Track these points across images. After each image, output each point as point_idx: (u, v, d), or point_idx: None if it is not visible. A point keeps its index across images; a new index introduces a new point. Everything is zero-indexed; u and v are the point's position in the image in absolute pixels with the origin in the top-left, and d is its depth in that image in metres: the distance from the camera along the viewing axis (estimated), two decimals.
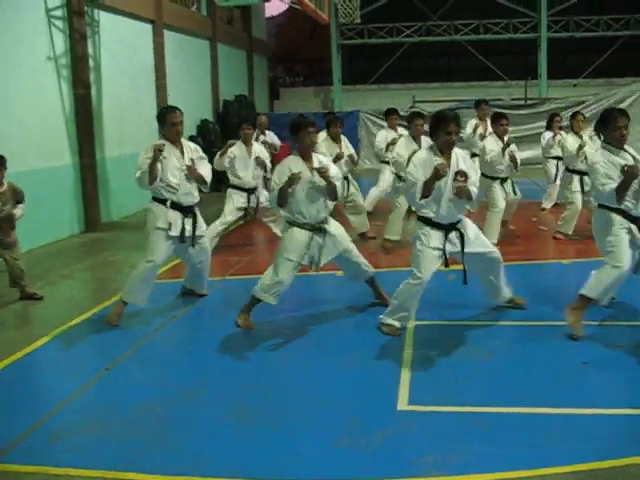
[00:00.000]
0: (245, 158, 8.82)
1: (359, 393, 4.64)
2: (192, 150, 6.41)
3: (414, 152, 5.64)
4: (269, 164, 9.13)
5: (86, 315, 6.52)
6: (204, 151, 6.72)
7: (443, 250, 5.41)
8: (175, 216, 6.15)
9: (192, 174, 6.20)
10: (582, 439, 3.88)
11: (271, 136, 12.02)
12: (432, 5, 22.39)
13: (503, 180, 8.84)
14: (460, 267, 5.64)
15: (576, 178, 9.08)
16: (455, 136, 5.36)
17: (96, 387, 4.88)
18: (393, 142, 9.83)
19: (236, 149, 8.82)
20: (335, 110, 21.53)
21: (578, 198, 9.05)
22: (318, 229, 5.80)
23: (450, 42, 22.52)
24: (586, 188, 8.71)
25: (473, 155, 9.38)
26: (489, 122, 10.95)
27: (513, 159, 8.62)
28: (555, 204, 11.44)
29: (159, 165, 6.00)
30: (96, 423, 4.25)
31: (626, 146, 5.38)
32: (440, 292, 6.21)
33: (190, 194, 6.28)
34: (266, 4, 21.83)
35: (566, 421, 4.14)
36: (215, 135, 16.23)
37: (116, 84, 12.23)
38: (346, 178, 8.84)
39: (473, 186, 5.45)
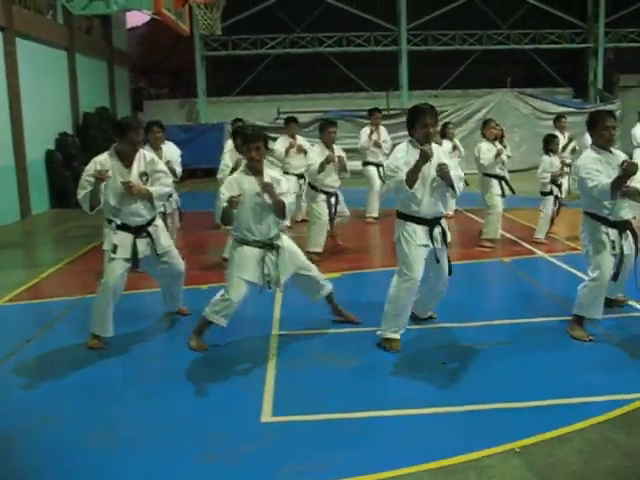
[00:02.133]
0: None
1: (223, 408, 4.53)
2: (146, 162, 5.74)
3: (394, 146, 5.43)
4: (179, 169, 8.67)
5: None
6: (64, 166, 6.30)
7: (430, 247, 5.31)
8: (123, 238, 5.61)
9: (132, 192, 5.52)
10: (440, 437, 4.00)
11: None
12: (296, 17, 22.67)
13: None
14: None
15: (496, 182, 9.31)
16: (432, 128, 5.25)
17: None
18: (292, 147, 10.25)
19: None
20: (200, 122, 21.35)
21: (499, 201, 9.30)
22: (269, 246, 5.51)
23: (314, 54, 22.85)
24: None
25: None
26: (381, 129, 11.80)
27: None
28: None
29: (101, 189, 5.46)
30: None
31: (612, 149, 5.47)
32: (302, 301, 6.20)
33: (137, 214, 5.67)
34: (128, 14, 21.35)
35: (424, 420, 4.23)
36: (75, 149, 15.62)
37: None
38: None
39: (454, 173, 5.28)
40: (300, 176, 10.26)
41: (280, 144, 10.57)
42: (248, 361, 5.36)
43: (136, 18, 23.78)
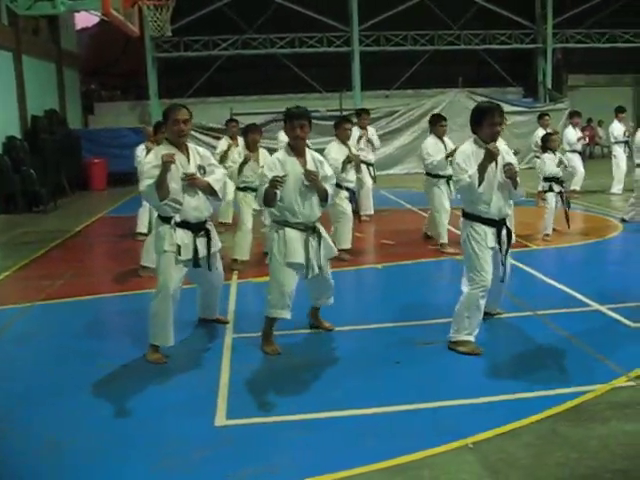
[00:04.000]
0: None
1: (176, 413, 4.48)
2: (201, 156, 5.50)
3: (455, 148, 5.28)
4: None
5: None
6: (12, 170, 6.10)
7: (497, 248, 5.23)
8: (184, 237, 5.27)
9: (195, 184, 5.29)
10: (393, 435, 4.03)
11: None
12: (248, 19, 22.59)
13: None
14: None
15: (442, 181, 9.13)
16: (500, 127, 5.17)
17: None
18: (229, 149, 10.09)
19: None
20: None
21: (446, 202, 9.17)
22: (312, 229, 5.33)
23: (267, 55, 22.81)
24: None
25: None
26: (369, 130, 11.80)
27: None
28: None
29: (167, 177, 5.10)
30: None
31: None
32: (256, 304, 6.18)
33: (198, 209, 5.35)
34: (77, 15, 21.02)
35: (378, 420, 4.26)
36: (24, 153, 15.28)
37: None
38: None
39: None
40: None
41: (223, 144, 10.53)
42: (202, 365, 5.32)
43: (86, 19, 23.45)
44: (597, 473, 3.54)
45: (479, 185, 5.05)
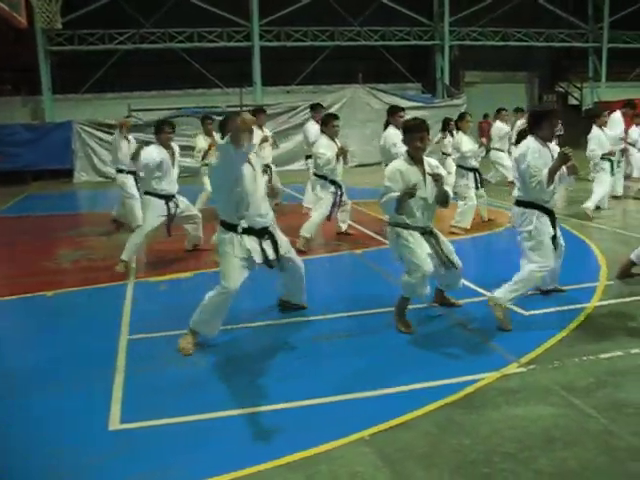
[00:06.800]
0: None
1: (68, 420, 4.29)
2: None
3: (527, 149, 5.51)
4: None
5: None
6: None
7: (553, 236, 5.68)
8: (252, 243, 5.32)
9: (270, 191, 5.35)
10: (289, 432, 4.00)
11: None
12: (145, 12, 22.08)
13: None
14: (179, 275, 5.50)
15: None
16: (556, 128, 5.66)
17: None
18: (210, 148, 10.40)
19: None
20: (46, 121, 20.41)
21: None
22: (430, 233, 5.65)
23: (166, 50, 22.38)
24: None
25: None
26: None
27: None
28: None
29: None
30: None
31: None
32: (153, 303, 6.04)
33: (262, 215, 5.39)
34: None
35: (273, 417, 4.21)
36: None
37: None
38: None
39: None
40: None
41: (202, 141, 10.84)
42: (95, 368, 5.11)
43: None
44: (488, 457, 3.62)
45: (549, 185, 5.45)
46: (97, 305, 6.69)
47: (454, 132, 10.70)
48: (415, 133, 5.47)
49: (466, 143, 9.81)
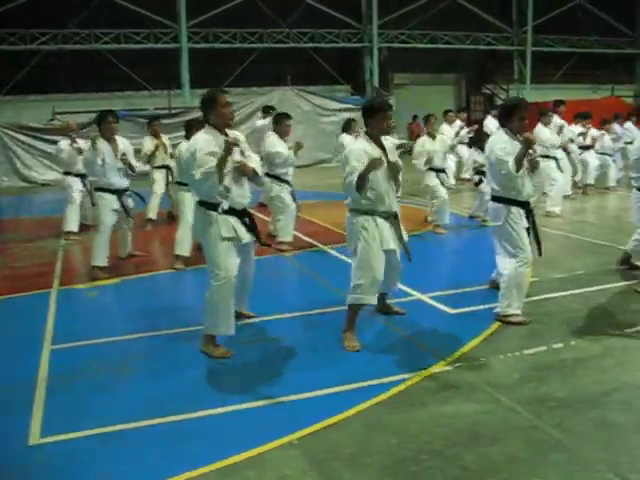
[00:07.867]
0: None
1: None
2: (241, 141, 5.24)
3: (493, 142, 5.62)
4: (134, 162, 8.05)
5: None
6: None
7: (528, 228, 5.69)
8: (235, 222, 5.17)
9: (245, 171, 5.17)
10: (216, 438, 3.95)
11: None
12: (70, 12, 21.45)
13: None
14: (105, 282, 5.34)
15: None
16: (526, 121, 5.65)
17: None
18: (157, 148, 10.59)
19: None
20: None
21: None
22: (393, 216, 5.44)
23: (92, 51, 21.85)
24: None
25: None
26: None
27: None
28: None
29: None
30: None
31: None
32: (78, 311, 5.88)
33: (245, 196, 5.27)
34: None
35: (198, 424, 4.14)
36: None
37: None
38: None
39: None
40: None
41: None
42: (15, 381, 4.92)
43: None
44: (415, 456, 3.65)
45: (517, 171, 5.48)
46: (19, 314, 6.47)
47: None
48: (382, 112, 5.37)
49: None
